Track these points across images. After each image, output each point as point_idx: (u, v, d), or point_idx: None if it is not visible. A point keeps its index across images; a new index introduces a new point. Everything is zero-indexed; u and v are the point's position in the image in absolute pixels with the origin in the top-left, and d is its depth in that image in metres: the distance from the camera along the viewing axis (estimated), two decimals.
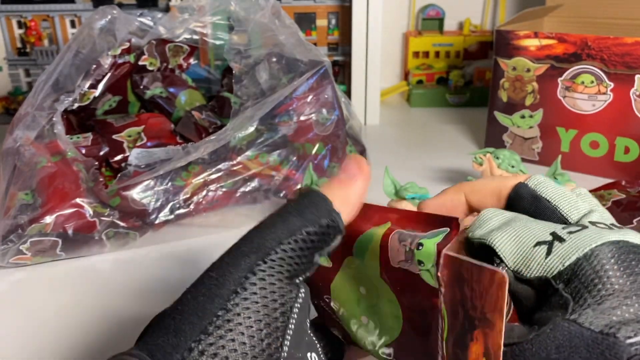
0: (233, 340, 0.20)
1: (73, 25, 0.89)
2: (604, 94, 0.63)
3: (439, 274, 0.22)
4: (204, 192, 0.54)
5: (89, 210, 0.50)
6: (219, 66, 0.71)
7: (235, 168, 0.55)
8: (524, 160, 0.62)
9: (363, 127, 0.87)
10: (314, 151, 0.58)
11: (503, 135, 0.71)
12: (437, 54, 1.00)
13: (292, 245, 0.22)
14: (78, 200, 0.50)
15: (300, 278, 0.23)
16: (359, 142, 0.64)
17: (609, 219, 0.24)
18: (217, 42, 0.65)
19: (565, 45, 0.64)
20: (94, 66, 0.57)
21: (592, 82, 0.63)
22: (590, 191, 0.61)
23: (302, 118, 0.58)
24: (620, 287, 0.20)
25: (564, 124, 0.66)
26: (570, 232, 0.23)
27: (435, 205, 0.28)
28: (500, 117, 0.71)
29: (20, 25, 0.90)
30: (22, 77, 0.92)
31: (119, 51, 0.60)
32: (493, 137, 0.72)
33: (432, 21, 1.00)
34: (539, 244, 0.23)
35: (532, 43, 0.66)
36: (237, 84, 0.57)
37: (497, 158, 0.57)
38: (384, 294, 0.25)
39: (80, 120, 0.60)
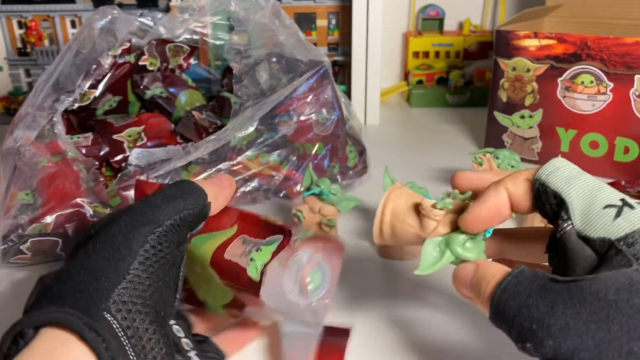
0: (142, 289, 0.26)
1: (73, 25, 0.89)
2: (604, 94, 0.63)
3: (263, 271, 0.29)
4: None
5: (89, 210, 0.50)
6: (219, 66, 0.72)
7: (235, 168, 0.55)
8: (523, 160, 0.62)
9: (363, 127, 0.87)
10: (314, 151, 0.58)
11: (503, 135, 0.71)
12: (437, 54, 1.00)
13: (178, 222, 0.28)
14: (78, 200, 0.50)
15: (182, 246, 0.29)
16: (359, 142, 0.64)
17: None
18: (217, 42, 0.65)
19: (565, 46, 0.64)
20: (94, 66, 0.58)
21: (592, 82, 0.63)
22: None
23: (302, 118, 0.58)
24: None
25: (563, 124, 0.67)
26: (638, 203, 0.24)
27: (487, 211, 0.28)
28: (500, 117, 0.71)
29: (21, 25, 0.90)
30: (23, 77, 0.92)
31: (119, 51, 0.60)
32: (493, 137, 0.72)
33: (432, 21, 1.00)
34: (608, 206, 0.24)
35: (532, 43, 0.66)
36: (237, 84, 0.57)
37: (497, 158, 0.57)
38: (213, 278, 0.32)
39: (80, 120, 0.60)
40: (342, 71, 0.95)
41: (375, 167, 0.65)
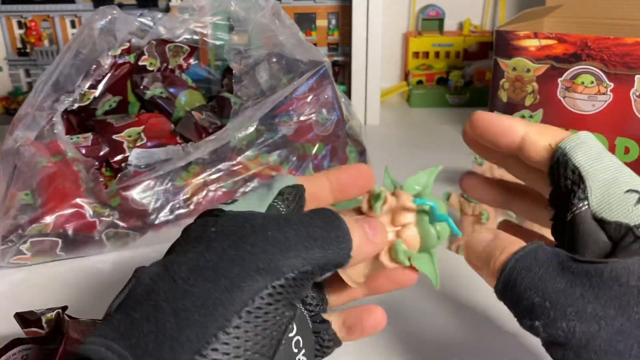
0: (231, 356, 0.19)
1: (73, 25, 0.89)
2: (604, 94, 0.63)
3: None
4: (204, 192, 0.54)
5: (89, 211, 0.50)
6: (219, 66, 0.71)
7: (235, 168, 0.55)
8: None
9: (363, 127, 0.87)
10: (314, 151, 0.58)
11: None
12: (437, 54, 1.00)
13: (305, 276, 0.21)
14: (78, 200, 0.50)
15: (297, 301, 0.22)
16: (359, 142, 0.64)
17: None
18: (217, 43, 0.65)
19: (565, 46, 0.64)
20: (94, 66, 0.58)
21: (592, 82, 0.63)
22: None
23: (302, 118, 0.58)
24: None
25: (563, 124, 0.67)
26: None
27: (499, 120, 0.27)
28: None
29: (21, 25, 0.90)
30: (22, 78, 0.92)
31: (119, 51, 0.60)
32: None
33: (432, 21, 1.00)
34: (630, 191, 0.23)
35: (532, 43, 0.66)
36: (237, 84, 0.57)
37: None
38: None
39: (80, 120, 0.60)
40: (342, 71, 0.95)
41: (375, 167, 0.64)
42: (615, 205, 0.22)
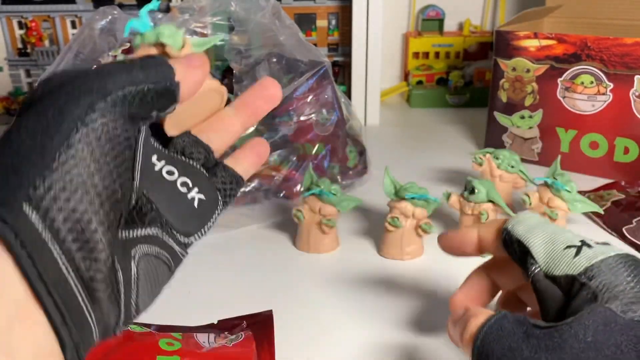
0: (80, 174, 0.20)
1: (74, 25, 0.89)
2: (604, 94, 0.63)
3: None
4: None
5: None
6: (219, 66, 0.71)
7: None
8: (523, 160, 0.62)
9: (363, 127, 0.87)
10: (314, 151, 0.58)
11: (503, 135, 0.71)
12: (437, 54, 1.00)
13: (133, 94, 0.23)
14: None
15: (141, 123, 0.24)
16: (359, 142, 0.64)
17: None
18: (218, 43, 0.65)
19: (565, 46, 0.64)
20: (94, 67, 0.57)
21: (592, 82, 0.63)
22: (590, 192, 0.61)
23: (302, 118, 0.58)
24: (633, 287, 0.24)
25: (563, 124, 0.67)
26: (597, 243, 0.27)
27: (465, 294, 0.32)
28: (500, 117, 0.71)
29: (21, 25, 0.90)
30: (23, 78, 0.92)
31: (119, 51, 0.60)
32: (493, 138, 0.72)
33: (432, 22, 1.00)
34: (569, 247, 0.26)
35: (531, 44, 0.66)
36: (237, 84, 0.57)
37: (497, 158, 0.57)
38: None
39: None
40: (342, 71, 0.95)
41: (375, 167, 0.65)
42: (559, 262, 0.26)
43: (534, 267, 0.27)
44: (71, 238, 0.19)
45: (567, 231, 0.28)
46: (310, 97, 0.58)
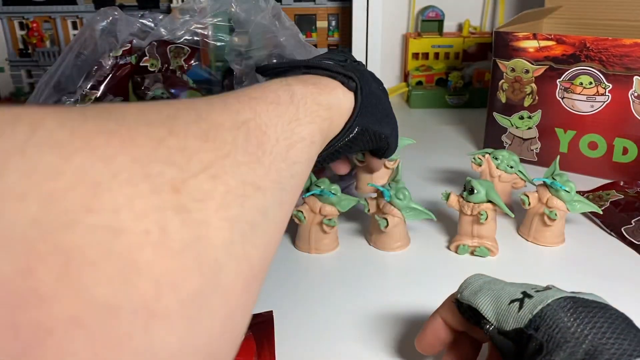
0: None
1: (75, 26, 0.90)
2: (603, 95, 0.63)
3: None
4: None
5: None
6: (219, 67, 0.72)
7: None
8: (522, 161, 0.62)
9: None
10: None
11: (502, 136, 0.72)
12: (436, 55, 1.00)
13: None
14: None
15: None
16: None
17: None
18: (218, 44, 0.65)
19: (564, 47, 0.64)
20: (95, 67, 0.58)
21: (591, 83, 0.63)
22: (589, 192, 0.61)
23: None
24: (573, 332, 0.25)
25: (562, 125, 0.67)
26: (537, 291, 0.28)
27: (427, 337, 0.33)
28: (499, 118, 0.71)
29: (22, 26, 0.90)
30: (24, 78, 0.92)
31: (120, 52, 0.60)
32: (492, 138, 0.73)
33: (431, 23, 1.00)
34: (512, 301, 0.28)
35: (530, 44, 0.66)
36: (237, 85, 0.57)
37: (496, 159, 0.57)
38: None
39: None
40: None
41: None
42: (507, 318, 0.28)
43: (487, 326, 0.29)
44: None
45: (509, 285, 0.30)
46: None
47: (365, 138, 0.40)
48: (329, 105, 0.33)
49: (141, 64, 0.62)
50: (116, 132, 0.18)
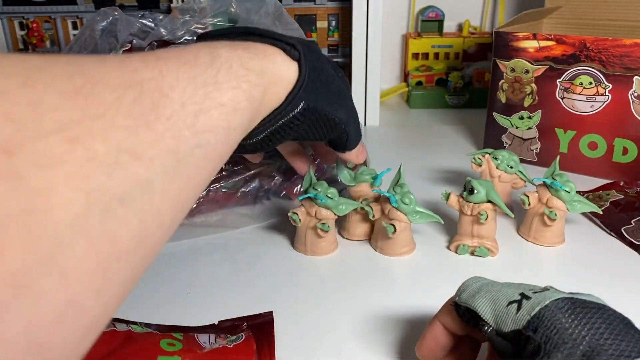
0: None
1: (75, 26, 0.90)
2: (603, 95, 0.63)
3: None
4: (204, 193, 0.54)
5: None
6: None
7: (235, 168, 0.56)
8: (522, 161, 0.62)
9: (363, 128, 0.87)
10: (312, 152, 0.59)
11: (502, 136, 0.72)
12: (436, 55, 1.00)
13: None
14: None
15: None
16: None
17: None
18: None
19: (564, 47, 0.64)
20: None
21: (591, 83, 0.63)
22: (589, 192, 0.61)
23: None
24: (571, 333, 0.25)
25: (562, 125, 0.67)
26: (535, 292, 0.28)
27: (427, 343, 0.33)
28: (499, 118, 0.71)
29: (22, 26, 0.90)
30: None
31: (120, 52, 0.60)
32: (492, 138, 0.73)
33: (431, 23, 1.00)
34: (510, 303, 0.28)
35: (530, 44, 0.66)
36: None
37: (496, 159, 0.57)
38: None
39: None
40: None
41: (375, 168, 0.65)
42: (505, 319, 0.28)
43: (486, 328, 0.28)
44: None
45: (507, 286, 0.30)
46: None
47: (314, 118, 0.36)
48: (262, 70, 0.29)
49: None
50: None
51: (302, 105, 0.34)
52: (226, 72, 0.26)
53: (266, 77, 0.30)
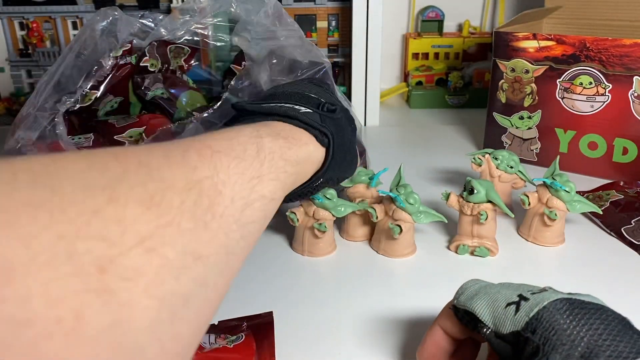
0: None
1: (75, 26, 0.90)
2: (603, 95, 0.63)
3: None
4: None
5: None
6: (219, 67, 0.72)
7: None
8: (522, 161, 0.62)
9: (363, 128, 0.87)
10: None
11: (502, 136, 0.72)
12: (436, 55, 1.00)
13: None
14: None
15: None
16: (359, 144, 0.64)
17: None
18: (218, 44, 0.65)
19: (564, 47, 0.64)
20: (96, 67, 0.58)
21: (591, 83, 0.63)
22: (589, 192, 0.61)
23: None
24: (569, 334, 0.25)
25: (562, 125, 0.67)
26: (533, 293, 0.28)
27: (428, 348, 0.33)
28: (499, 118, 0.71)
29: (22, 26, 0.90)
30: (24, 78, 0.92)
31: (120, 52, 0.60)
32: (492, 138, 0.73)
33: (431, 23, 1.00)
34: (509, 304, 0.28)
35: (530, 44, 0.66)
36: (238, 82, 0.57)
37: (496, 159, 0.57)
38: None
39: (82, 121, 0.60)
40: (342, 72, 0.95)
41: (375, 168, 0.65)
42: (504, 321, 0.28)
43: (485, 330, 0.28)
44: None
45: (505, 287, 0.29)
46: None
47: (325, 185, 0.42)
48: (297, 161, 0.33)
49: (141, 64, 0.62)
50: (46, 202, 0.16)
51: (321, 181, 0.40)
52: (269, 165, 0.29)
53: (300, 166, 0.34)
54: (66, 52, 0.58)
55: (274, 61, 0.58)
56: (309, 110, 0.39)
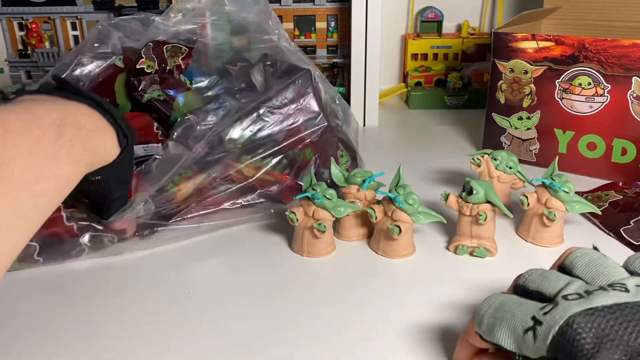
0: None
1: (74, 27, 0.90)
2: (601, 95, 0.63)
3: None
4: (196, 197, 0.53)
5: (65, 214, 0.48)
6: (217, 67, 0.72)
7: (228, 173, 0.55)
8: (521, 161, 0.62)
9: (362, 128, 0.87)
10: (301, 157, 0.58)
11: (501, 136, 0.71)
12: (435, 56, 1.00)
13: None
14: None
15: None
16: (350, 147, 0.63)
17: (583, 286, 0.29)
18: (215, 43, 0.65)
19: (563, 48, 0.64)
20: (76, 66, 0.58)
21: (590, 83, 0.63)
22: (588, 192, 0.61)
23: (288, 124, 0.57)
24: (594, 349, 0.24)
25: (561, 125, 0.67)
26: (545, 313, 0.27)
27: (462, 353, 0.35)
28: (498, 118, 0.71)
29: (22, 27, 0.90)
30: (24, 79, 0.92)
31: (121, 63, 0.60)
32: (491, 139, 0.72)
33: (430, 23, 1.00)
34: (526, 331, 0.27)
35: (529, 45, 0.66)
36: (237, 80, 0.57)
37: (495, 159, 0.57)
38: None
39: None
40: (341, 73, 0.95)
41: (374, 168, 0.65)
42: (527, 348, 0.27)
43: (516, 357, 0.28)
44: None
45: (518, 308, 0.29)
46: (293, 104, 0.57)
47: (96, 188, 0.43)
48: (95, 153, 0.38)
49: (137, 66, 0.62)
50: None
51: (98, 178, 0.42)
52: (67, 152, 0.34)
53: (96, 158, 0.39)
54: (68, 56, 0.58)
55: (268, 63, 0.58)
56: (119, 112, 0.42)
